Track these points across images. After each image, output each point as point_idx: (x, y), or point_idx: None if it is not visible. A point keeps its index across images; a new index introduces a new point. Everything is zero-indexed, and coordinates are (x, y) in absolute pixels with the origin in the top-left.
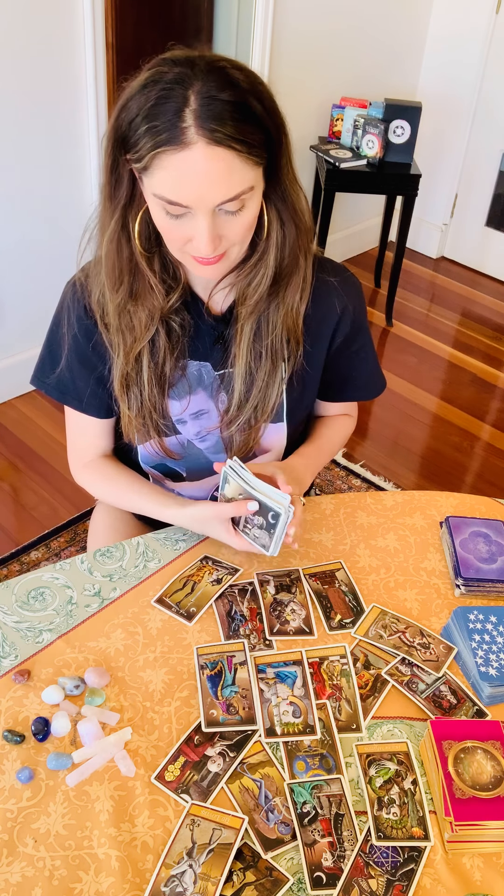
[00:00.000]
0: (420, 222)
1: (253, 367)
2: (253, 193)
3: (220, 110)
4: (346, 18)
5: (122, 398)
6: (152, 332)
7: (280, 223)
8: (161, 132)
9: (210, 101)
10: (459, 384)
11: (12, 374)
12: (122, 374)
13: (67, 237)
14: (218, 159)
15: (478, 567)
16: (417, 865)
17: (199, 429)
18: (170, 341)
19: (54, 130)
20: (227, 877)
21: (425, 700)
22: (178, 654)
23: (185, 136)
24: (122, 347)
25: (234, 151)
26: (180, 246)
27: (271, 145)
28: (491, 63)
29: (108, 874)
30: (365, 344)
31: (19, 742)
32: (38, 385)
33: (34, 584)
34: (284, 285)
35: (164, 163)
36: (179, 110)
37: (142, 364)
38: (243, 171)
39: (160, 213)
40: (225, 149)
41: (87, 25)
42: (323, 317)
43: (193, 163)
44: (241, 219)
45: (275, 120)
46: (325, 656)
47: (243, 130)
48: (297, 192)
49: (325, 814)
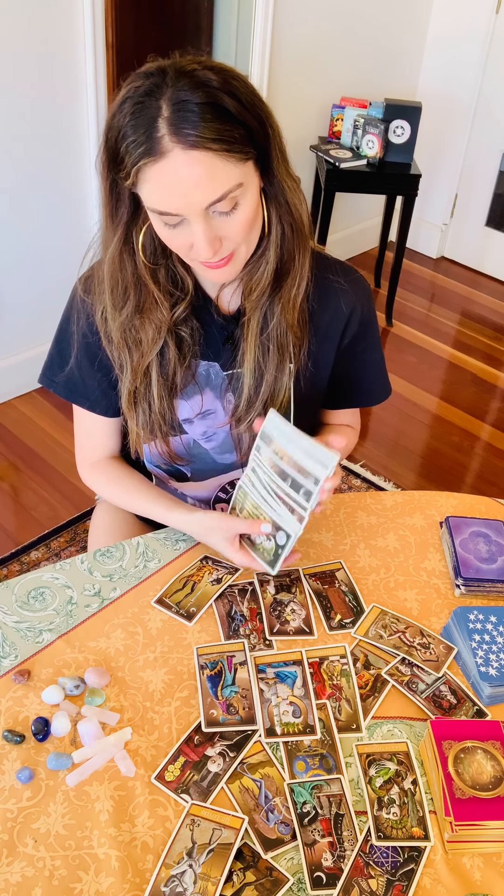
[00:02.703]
0: (420, 222)
1: (261, 361)
2: (244, 190)
3: (191, 114)
4: (346, 19)
5: (130, 414)
6: (160, 345)
7: (278, 218)
8: (139, 146)
9: (181, 106)
10: (459, 384)
11: (12, 374)
12: (130, 391)
13: (67, 236)
14: (196, 163)
15: (478, 567)
16: (417, 865)
17: (205, 428)
18: (180, 352)
19: (54, 130)
20: (227, 877)
21: (425, 700)
22: (178, 654)
23: (160, 145)
24: (129, 364)
25: (212, 152)
26: (185, 253)
27: (257, 139)
28: (491, 63)
29: (108, 874)
30: (372, 347)
31: (19, 742)
32: (47, 384)
33: (34, 584)
34: (285, 279)
35: (147, 175)
36: (153, 121)
37: (150, 378)
38: (226, 169)
39: (159, 225)
40: (201, 151)
41: (87, 25)
42: (332, 318)
43: (173, 171)
44: (238, 217)
45: (255, 113)
46: (325, 656)
47: (218, 129)
48: (291, 186)
49: (325, 814)
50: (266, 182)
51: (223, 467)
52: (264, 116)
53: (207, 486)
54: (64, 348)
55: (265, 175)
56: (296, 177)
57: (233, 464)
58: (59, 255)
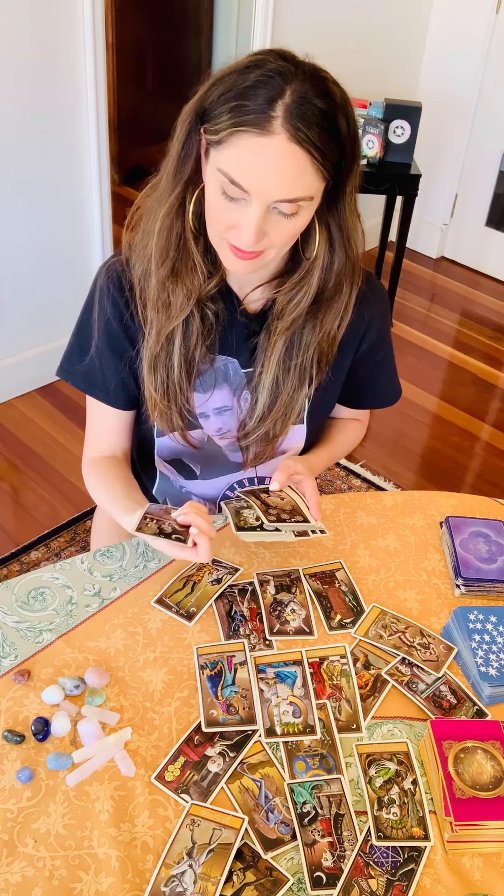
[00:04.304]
0: (420, 222)
1: (281, 380)
2: (310, 204)
3: (310, 113)
4: (347, 18)
5: (150, 379)
6: (187, 312)
7: (329, 246)
8: (249, 112)
9: (304, 102)
10: (459, 384)
11: (12, 374)
12: (152, 355)
13: (67, 236)
14: (293, 157)
15: (478, 567)
16: (417, 865)
17: (220, 425)
18: (203, 327)
19: (54, 129)
20: (227, 877)
21: (425, 700)
22: (178, 654)
23: (270, 124)
24: (155, 325)
25: (310, 156)
26: (222, 231)
27: (341, 167)
28: (491, 63)
29: (108, 874)
30: (387, 354)
31: (19, 742)
32: (65, 376)
33: (34, 584)
34: (325, 309)
35: (241, 142)
36: (273, 99)
37: (173, 346)
38: (311, 177)
39: (216, 192)
40: (303, 150)
41: (87, 25)
42: (351, 326)
43: (270, 152)
44: (291, 224)
45: (353, 145)
46: (325, 656)
47: (324, 140)
48: (354, 222)
49: (325, 814)
50: (328, 210)
51: (234, 466)
52: (357, 152)
53: (216, 484)
54: (84, 339)
55: (332, 204)
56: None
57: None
58: (59, 255)
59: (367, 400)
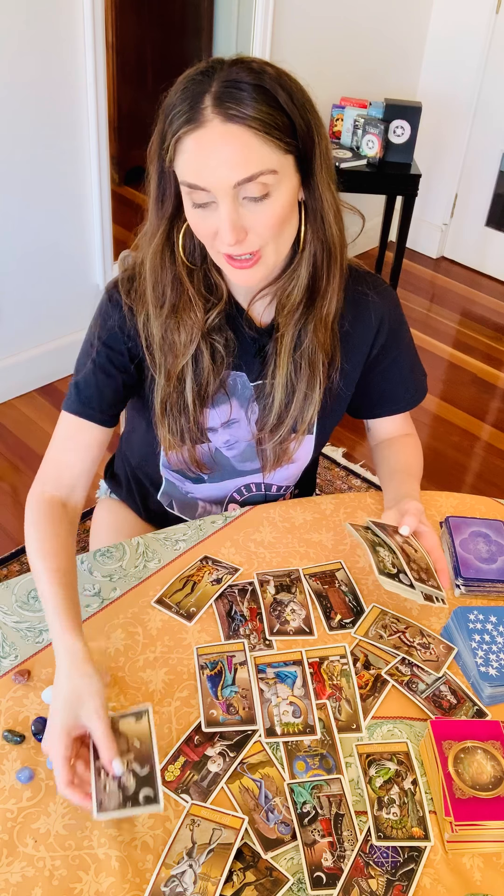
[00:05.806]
0: (420, 222)
1: (294, 377)
2: (277, 181)
3: (239, 91)
4: (347, 18)
5: (162, 422)
6: (192, 349)
7: (314, 234)
8: (181, 115)
9: (231, 84)
10: (459, 384)
11: (12, 374)
12: (164, 397)
13: (67, 236)
14: (233, 136)
15: (478, 567)
16: (417, 865)
17: (228, 437)
18: (213, 363)
19: (54, 130)
20: (227, 877)
21: (425, 700)
22: (178, 654)
23: (202, 115)
24: (163, 367)
25: (251, 129)
26: (211, 244)
27: (300, 136)
28: (491, 63)
29: (108, 874)
30: (403, 354)
31: (19, 742)
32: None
33: (34, 584)
34: (319, 297)
35: (184, 146)
36: (200, 95)
37: (185, 385)
38: (261, 151)
39: (189, 208)
40: (240, 125)
41: (87, 25)
42: (361, 330)
43: (209, 141)
44: (266, 208)
45: (303, 112)
46: (325, 656)
47: (261, 110)
48: (329, 202)
49: (325, 814)
50: (307, 193)
51: (243, 474)
52: (312, 120)
53: (223, 487)
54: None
55: (307, 183)
56: (339, 198)
57: (253, 471)
58: (59, 255)
59: (389, 404)
